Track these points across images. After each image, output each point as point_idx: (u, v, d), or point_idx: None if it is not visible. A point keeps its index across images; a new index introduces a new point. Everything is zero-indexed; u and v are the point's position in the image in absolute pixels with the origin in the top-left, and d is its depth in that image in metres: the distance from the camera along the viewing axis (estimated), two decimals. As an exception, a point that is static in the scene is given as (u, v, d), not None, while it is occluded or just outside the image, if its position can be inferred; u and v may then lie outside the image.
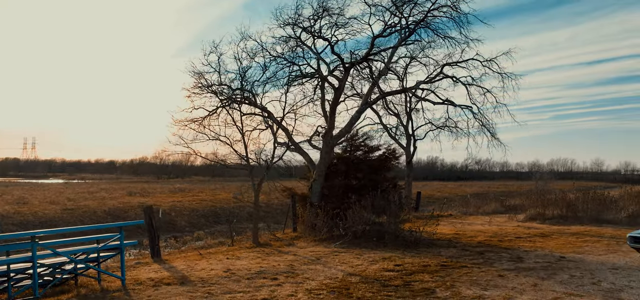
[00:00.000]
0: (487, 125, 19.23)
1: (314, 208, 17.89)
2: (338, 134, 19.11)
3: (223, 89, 18.63)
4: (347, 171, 19.67)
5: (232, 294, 9.58)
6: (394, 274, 11.27)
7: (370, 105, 20.12)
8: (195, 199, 37.23)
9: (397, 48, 18.75)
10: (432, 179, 65.89)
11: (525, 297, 9.46)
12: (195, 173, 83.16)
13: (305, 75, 19.22)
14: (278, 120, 18.93)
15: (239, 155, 17.71)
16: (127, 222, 10.40)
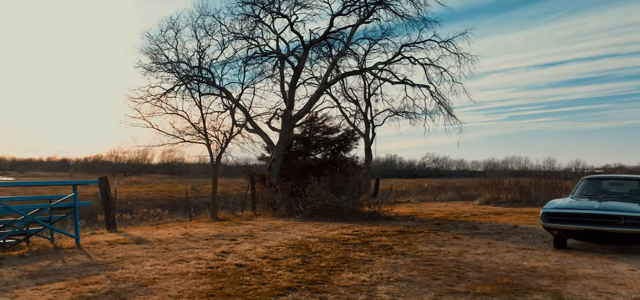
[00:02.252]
0: (443, 103, 19.56)
1: (273, 187, 17.84)
2: (297, 114, 19.12)
3: (181, 66, 18.41)
4: (307, 151, 19.72)
5: (190, 250, 9.49)
6: (353, 236, 11.37)
7: (329, 85, 20.20)
8: (152, 189, 36.60)
9: (356, 27, 18.90)
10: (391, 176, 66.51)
11: (479, 250, 9.70)
12: (152, 171, 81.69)
13: (264, 53, 19.17)
14: (236, 99, 18.83)
15: (196, 128, 17.52)
16: (81, 181, 10.15)
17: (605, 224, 9.22)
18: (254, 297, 6.08)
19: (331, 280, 7.03)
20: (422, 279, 7.16)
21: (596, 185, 11.57)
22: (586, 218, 9.45)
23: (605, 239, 9.53)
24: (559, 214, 9.81)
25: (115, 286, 6.59)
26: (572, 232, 9.73)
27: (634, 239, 9.20)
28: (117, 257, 8.71)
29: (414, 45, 18.85)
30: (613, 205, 9.57)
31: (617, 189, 11.31)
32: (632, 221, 9.06)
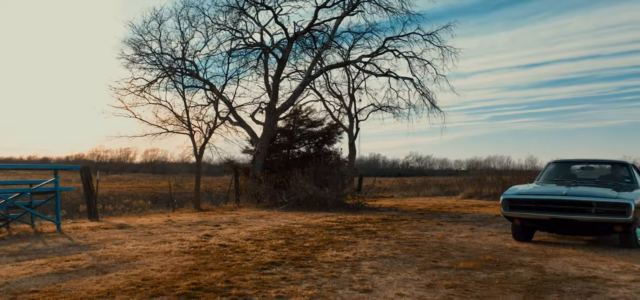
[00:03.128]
0: (427, 95, 19.65)
1: (256, 179, 17.79)
2: (281, 106, 19.08)
3: (164, 58, 18.29)
4: (291, 144, 19.68)
5: (173, 233, 9.43)
6: (336, 223, 11.38)
7: (313, 78, 20.20)
8: (134, 186, 36.30)
9: (341, 20, 18.92)
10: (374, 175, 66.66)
11: (462, 234, 9.77)
12: (135, 170, 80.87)
13: (248, 45, 19.12)
14: (220, 91, 18.74)
15: (179, 118, 17.42)
16: (63, 166, 10.03)
17: (575, 212, 8.02)
18: (238, 271, 6.06)
19: (315, 257, 7.03)
20: (406, 257, 7.19)
21: (565, 170, 10.34)
22: (553, 205, 8.23)
23: (575, 229, 8.44)
24: (522, 200, 8.59)
25: (97, 262, 6.52)
26: (537, 222, 8.57)
27: (608, 229, 8.06)
28: (99, 239, 8.63)
29: (398, 38, 18.93)
30: (584, 191, 8.34)
31: (588, 173, 10.28)
32: (606, 208, 7.86)
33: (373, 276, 5.91)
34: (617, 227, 7.88)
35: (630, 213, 7.65)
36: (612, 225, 7.90)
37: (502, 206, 8.80)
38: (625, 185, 8.97)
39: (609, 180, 9.47)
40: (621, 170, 9.76)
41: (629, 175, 9.47)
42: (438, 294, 5.15)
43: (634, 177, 9.35)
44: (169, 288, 5.14)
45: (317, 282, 5.55)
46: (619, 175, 9.65)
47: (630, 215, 7.65)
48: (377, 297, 4.98)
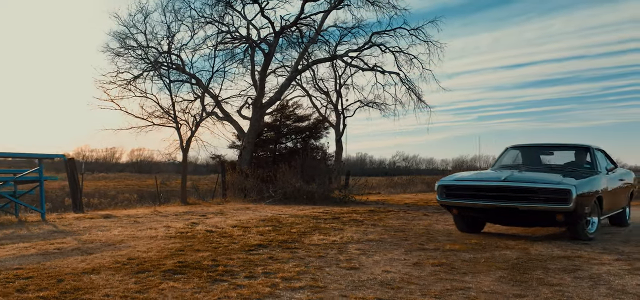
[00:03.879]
0: (413, 89, 19.73)
1: (243, 173, 17.75)
2: (268, 101, 19.06)
3: (150, 51, 18.20)
4: (278, 139, 19.69)
5: (160, 222, 9.38)
6: (324, 214, 11.37)
7: (300, 72, 20.19)
8: (120, 184, 36.06)
9: (328, 14, 18.93)
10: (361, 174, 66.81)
11: (449, 222, 9.80)
12: (121, 170, 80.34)
13: (235, 38, 19.08)
14: (206, 85, 18.69)
15: (165, 111, 17.34)
16: (47, 154, 9.93)
17: (515, 199, 7.19)
18: (224, 252, 6.04)
19: (302, 240, 7.03)
20: (393, 240, 7.22)
21: (524, 155, 9.48)
22: (491, 192, 7.40)
23: (517, 219, 7.65)
24: (459, 187, 7.79)
25: (82, 245, 6.47)
26: (475, 211, 7.73)
27: (551, 219, 7.22)
28: (84, 227, 8.56)
29: (385, 33, 18.98)
30: (527, 176, 7.50)
31: (550, 159, 9.49)
32: (548, 195, 6.99)
33: (360, 256, 5.92)
34: (558, 216, 7.00)
35: (570, 201, 6.75)
36: (555, 215, 7.03)
37: (438, 193, 7.98)
38: (582, 171, 8.14)
39: (568, 166, 8.80)
40: (584, 156, 8.85)
41: (590, 161, 8.59)
42: (424, 271, 5.18)
43: (595, 163, 8.46)
44: (155, 265, 5.12)
45: (304, 261, 5.55)
46: (581, 160, 8.85)
47: (571, 203, 6.75)
48: (364, 274, 4.99)
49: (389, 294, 4.24)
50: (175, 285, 4.36)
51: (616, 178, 8.81)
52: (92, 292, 4.09)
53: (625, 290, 4.50)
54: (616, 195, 8.65)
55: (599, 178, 7.83)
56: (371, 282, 4.64)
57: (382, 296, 4.18)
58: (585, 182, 7.22)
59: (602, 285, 4.67)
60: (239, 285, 4.42)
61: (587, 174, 7.89)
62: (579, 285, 4.66)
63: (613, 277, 4.98)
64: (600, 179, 7.86)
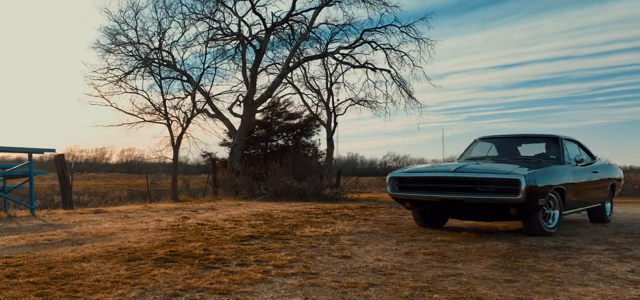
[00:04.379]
0: (404, 86, 19.76)
1: (234, 171, 17.72)
2: (259, 98, 19.04)
3: (141, 47, 18.13)
4: (269, 137, 19.67)
5: (150, 216, 9.34)
6: (315, 209, 11.38)
7: (291, 69, 20.16)
8: (111, 183, 35.87)
9: (319, 11, 18.93)
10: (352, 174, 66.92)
11: (440, 216, 9.83)
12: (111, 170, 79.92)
13: (226, 34, 19.04)
14: (197, 83, 18.63)
15: (156, 107, 17.28)
16: (37, 149, 9.85)
17: (465, 191, 6.84)
18: (216, 242, 6.03)
19: (294, 232, 7.03)
20: (384, 232, 7.23)
21: (493, 146, 9.05)
22: (442, 184, 7.05)
23: (470, 212, 7.30)
24: (411, 179, 7.43)
25: (72, 237, 6.43)
26: (426, 204, 7.36)
27: (503, 212, 6.82)
28: (74, 221, 8.50)
29: (376, 30, 19.01)
30: (480, 167, 7.12)
31: (521, 151, 9.00)
32: (498, 186, 6.62)
33: (352, 247, 5.93)
34: (511, 209, 6.61)
35: (520, 192, 6.36)
36: (508, 207, 6.63)
37: (389, 186, 7.64)
38: (547, 162, 7.82)
39: (535, 158, 8.39)
40: (552, 146, 8.40)
41: (557, 152, 8.14)
42: (416, 259, 5.19)
43: (562, 154, 8.02)
44: (146, 254, 5.10)
45: (296, 251, 5.55)
46: (549, 151, 8.40)
47: (520, 194, 6.36)
48: (356, 262, 5.00)
49: (381, 280, 4.25)
50: (167, 272, 4.34)
51: (588, 170, 8.36)
52: (83, 278, 4.07)
53: (615, 275, 4.54)
54: (587, 189, 8.18)
55: (560, 169, 7.43)
56: (363, 270, 4.65)
57: (375, 281, 4.19)
58: (539, 172, 6.79)
59: (592, 271, 4.71)
60: (231, 272, 4.41)
61: (549, 164, 7.55)
62: (570, 271, 4.69)
63: (603, 265, 5.02)
64: (562, 170, 7.45)
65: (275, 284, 4.07)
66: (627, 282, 4.29)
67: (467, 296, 3.79)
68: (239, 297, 3.65)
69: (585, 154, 8.79)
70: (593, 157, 9.10)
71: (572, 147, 8.53)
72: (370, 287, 4.01)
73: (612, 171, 9.49)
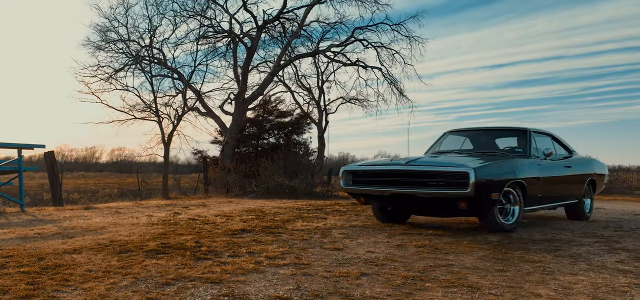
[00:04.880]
0: (395, 84, 19.81)
1: (226, 169, 17.69)
2: (251, 96, 19.01)
3: (131, 44, 18.06)
4: (260, 135, 19.66)
5: (141, 212, 9.30)
6: (307, 206, 11.37)
7: (283, 67, 20.15)
8: (101, 182, 35.71)
9: (310, 8, 18.93)
10: (344, 174, 66.89)
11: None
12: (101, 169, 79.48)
13: (217, 32, 19.00)
14: (188, 80, 18.59)
15: (146, 104, 17.22)
16: (27, 144, 9.78)
17: (416, 185, 6.49)
18: (208, 235, 6.02)
19: (285, 226, 7.03)
20: (376, 227, 7.24)
21: (465, 140, 8.69)
22: (394, 178, 6.76)
23: (422, 207, 6.92)
24: (365, 173, 7.16)
25: (63, 231, 6.39)
26: (379, 199, 7.04)
27: (453, 207, 6.40)
28: (65, 216, 8.45)
29: (367, 28, 19.07)
30: (431, 160, 6.85)
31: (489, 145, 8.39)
32: (448, 179, 6.31)
33: (343, 240, 5.94)
34: (462, 203, 6.25)
35: (469, 186, 6.03)
36: (458, 202, 6.27)
37: (343, 180, 7.33)
38: (509, 155, 7.57)
39: (500, 152, 7.97)
40: (519, 139, 8.00)
41: (523, 145, 7.74)
42: (408, 251, 5.21)
43: (528, 148, 7.61)
44: (138, 246, 5.08)
45: (288, 243, 5.56)
46: (517, 144, 7.98)
47: (469, 188, 6.03)
48: (348, 254, 5.01)
49: (373, 270, 4.26)
50: (158, 263, 4.34)
51: (560, 165, 7.96)
52: (74, 268, 4.05)
53: (604, 265, 4.58)
54: (556, 184, 7.75)
55: (520, 162, 7.02)
56: (355, 261, 4.66)
57: (367, 271, 4.21)
58: (490, 165, 6.49)
59: (582, 262, 4.75)
60: (223, 263, 4.41)
61: (508, 158, 7.29)
62: (560, 262, 4.73)
63: (593, 256, 5.06)
64: (523, 164, 7.04)
65: (268, 273, 4.07)
66: (616, 271, 4.34)
67: (459, 284, 3.81)
68: (232, 286, 3.65)
69: (560, 148, 8.52)
70: (570, 151, 8.72)
71: (543, 140, 8.14)
72: (362, 276, 4.03)
73: (591, 166, 9.00)
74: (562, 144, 8.68)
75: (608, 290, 3.74)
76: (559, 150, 8.42)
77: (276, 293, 3.49)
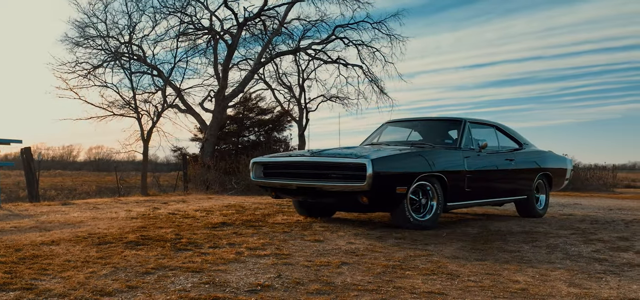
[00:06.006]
0: (375, 82, 19.90)
1: (206, 166, 17.60)
2: (231, 93, 18.95)
3: (110, 41, 17.87)
4: (240, 132, 19.60)
5: (120, 207, 9.22)
6: (288, 202, 11.37)
7: (263, 64, 20.13)
8: (78, 180, 35.27)
9: (291, 5, 18.93)
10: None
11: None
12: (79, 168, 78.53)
13: (198, 29, 18.90)
14: (167, 77, 18.45)
15: (126, 101, 17.07)
16: (2, 139, 9.63)
17: (318, 178, 6.20)
18: (188, 228, 5.99)
19: (266, 220, 7.02)
20: (357, 220, 7.26)
21: (404, 131, 8.23)
22: (299, 170, 6.46)
23: (328, 201, 6.54)
24: (273, 165, 6.84)
25: (40, 225, 6.32)
26: (287, 192, 6.70)
27: (353, 200, 6.02)
28: (42, 211, 8.35)
29: (348, 26, 19.11)
30: (335, 151, 6.50)
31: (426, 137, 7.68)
32: (345, 172, 5.98)
33: (324, 232, 5.95)
34: (363, 198, 5.85)
35: (365, 179, 5.63)
36: (356, 195, 5.87)
37: (253, 172, 7.01)
38: (438, 147, 7.08)
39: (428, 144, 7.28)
40: (452, 130, 7.48)
41: (456, 136, 7.20)
42: (388, 242, 5.25)
43: (460, 139, 7.05)
44: (117, 239, 5.04)
45: (268, 236, 5.55)
46: (450, 135, 7.49)
47: (365, 181, 5.63)
48: (328, 245, 5.03)
49: (354, 260, 4.29)
50: (138, 253, 4.31)
51: (500, 158, 7.45)
52: (52, 259, 4.01)
53: (580, 254, 4.67)
54: (492, 178, 7.30)
55: (440, 154, 6.61)
56: (336, 251, 4.68)
57: (348, 261, 4.23)
58: (393, 157, 6.09)
59: (559, 251, 4.83)
60: (203, 253, 4.40)
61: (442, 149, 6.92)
62: (537, 251, 4.80)
63: (569, 246, 5.15)
64: (444, 155, 6.64)
65: (249, 263, 4.07)
66: (592, 260, 4.42)
67: (439, 272, 3.85)
68: (213, 274, 3.64)
69: (508, 140, 8.07)
70: (520, 144, 8.19)
71: (484, 132, 7.62)
72: (343, 265, 4.05)
73: (544, 160, 8.34)
74: (511, 136, 8.18)
75: (584, 276, 3.81)
76: (505, 143, 7.95)
77: (257, 281, 3.50)
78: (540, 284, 3.55)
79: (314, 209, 7.23)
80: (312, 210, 7.25)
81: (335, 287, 3.37)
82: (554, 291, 3.37)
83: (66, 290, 3.13)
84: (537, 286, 3.49)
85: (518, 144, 8.18)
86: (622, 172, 32.37)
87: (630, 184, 26.49)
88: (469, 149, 6.97)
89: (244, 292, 3.22)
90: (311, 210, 7.26)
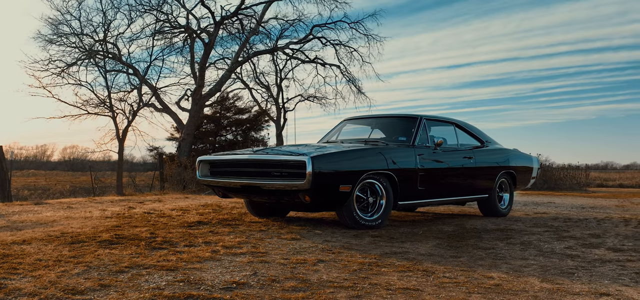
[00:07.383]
0: (353, 81, 19.96)
1: (182, 165, 17.46)
2: (208, 92, 18.83)
3: (85, 39, 17.62)
4: (218, 131, 19.49)
5: (95, 206, 9.10)
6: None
7: (241, 63, 20.07)
8: (52, 180, 34.69)
9: (269, 4, 18.87)
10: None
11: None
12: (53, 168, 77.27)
13: (174, 27, 18.74)
14: (143, 76, 18.26)
15: (100, 100, 16.85)
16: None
17: (261, 176, 6.01)
18: (163, 227, 5.93)
19: (243, 219, 6.98)
20: (333, 219, 7.27)
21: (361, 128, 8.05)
22: (242, 168, 6.26)
23: (273, 199, 6.31)
24: (220, 163, 6.57)
25: (12, 224, 6.20)
26: (232, 190, 6.44)
27: (294, 198, 5.84)
28: (14, 211, 8.19)
29: (325, 26, 19.14)
30: (280, 149, 6.49)
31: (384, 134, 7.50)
32: (285, 169, 5.82)
33: (301, 231, 5.94)
34: (305, 196, 5.65)
35: (305, 176, 5.44)
36: (296, 194, 5.69)
37: (199, 171, 6.67)
38: (390, 144, 6.84)
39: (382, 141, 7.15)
40: (407, 127, 7.12)
41: (409, 134, 6.94)
42: (364, 240, 5.26)
43: (414, 136, 6.84)
44: (91, 238, 4.97)
45: (245, 234, 5.53)
46: (405, 132, 7.10)
47: (305, 178, 5.44)
48: (305, 243, 5.02)
49: (330, 257, 4.29)
50: (112, 252, 4.25)
51: (457, 156, 7.30)
52: (23, 258, 3.94)
53: (553, 251, 4.74)
54: (447, 176, 7.16)
55: (390, 151, 6.37)
56: (312, 249, 4.68)
57: (324, 258, 4.23)
58: (338, 154, 5.88)
59: (533, 248, 4.90)
60: (178, 252, 4.36)
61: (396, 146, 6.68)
62: (511, 248, 4.86)
63: (543, 243, 5.23)
64: (394, 152, 6.41)
65: (224, 261, 4.05)
66: (565, 256, 4.49)
67: (414, 269, 3.87)
68: (187, 273, 3.61)
69: (469, 138, 7.88)
70: (482, 142, 8.01)
71: (442, 130, 7.56)
72: (320, 263, 4.05)
73: (507, 159, 8.14)
74: (473, 134, 8.01)
75: (556, 272, 3.87)
76: (465, 141, 7.76)
77: (233, 279, 3.48)
78: (514, 280, 3.59)
79: (263, 208, 6.99)
80: (262, 210, 7.01)
81: (311, 284, 3.37)
82: (527, 286, 3.42)
83: (37, 289, 3.08)
84: (510, 282, 3.54)
85: (480, 142, 8.00)
86: (594, 172, 33.00)
87: (603, 184, 27.03)
88: (423, 146, 6.82)
89: (219, 290, 3.20)
90: (261, 210, 7.01)
